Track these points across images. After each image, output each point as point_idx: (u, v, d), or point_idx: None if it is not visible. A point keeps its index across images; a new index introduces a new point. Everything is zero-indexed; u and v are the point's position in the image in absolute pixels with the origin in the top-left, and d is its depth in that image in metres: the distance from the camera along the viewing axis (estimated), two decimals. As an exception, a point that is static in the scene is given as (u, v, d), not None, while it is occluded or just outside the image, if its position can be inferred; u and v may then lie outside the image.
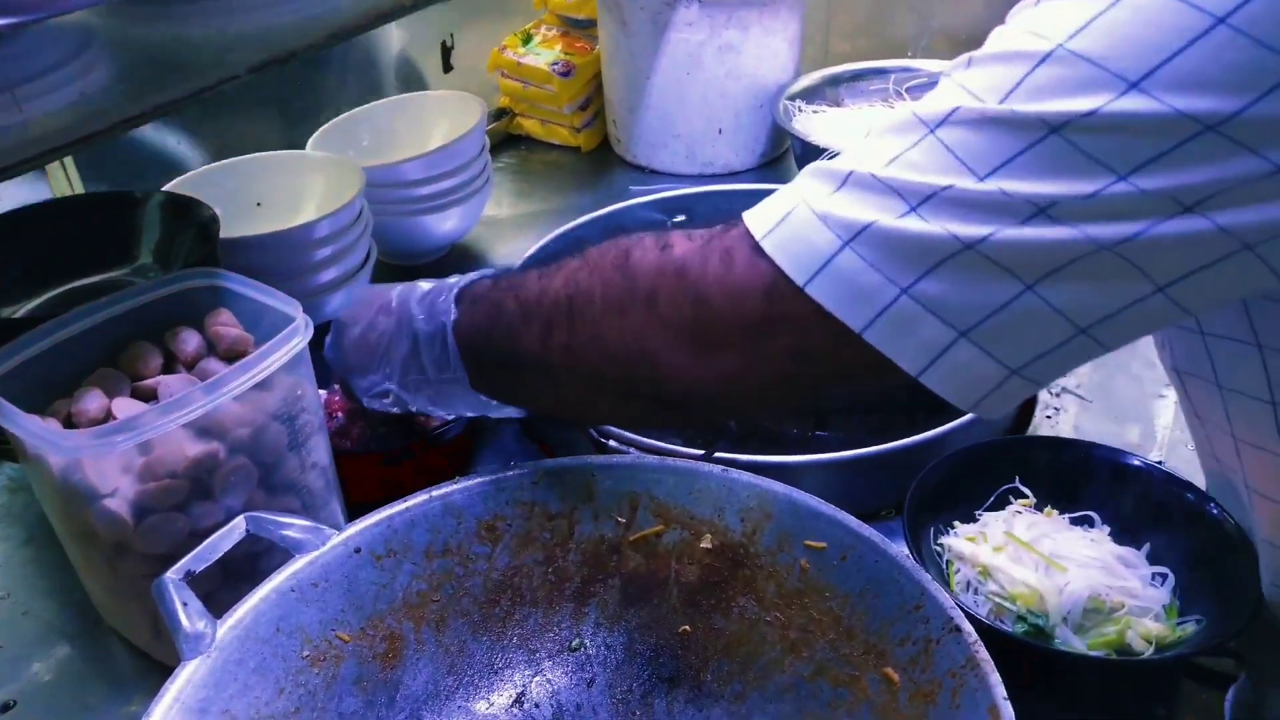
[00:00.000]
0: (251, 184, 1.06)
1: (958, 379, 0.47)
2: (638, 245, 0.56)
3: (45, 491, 0.69)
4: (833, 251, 0.47)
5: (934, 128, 0.45)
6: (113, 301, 0.72)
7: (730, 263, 0.51)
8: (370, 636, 0.64)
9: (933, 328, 0.46)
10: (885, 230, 0.45)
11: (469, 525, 0.67)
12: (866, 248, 0.46)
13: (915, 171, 0.45)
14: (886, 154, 0.46)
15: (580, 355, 0.58)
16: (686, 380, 0.54)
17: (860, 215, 0.46)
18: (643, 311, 0.54)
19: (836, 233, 0.47)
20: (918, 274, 0.45)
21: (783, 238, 0.49)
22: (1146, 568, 0.72)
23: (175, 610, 0.56)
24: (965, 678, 0.55)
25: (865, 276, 0.46)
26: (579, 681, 0.68)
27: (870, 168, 0.46)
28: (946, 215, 0.44)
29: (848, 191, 0.47)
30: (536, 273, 0.61)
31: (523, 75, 1.45)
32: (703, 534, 0.68)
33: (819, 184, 0.49)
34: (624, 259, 0.56)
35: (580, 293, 0.57)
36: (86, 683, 0.73)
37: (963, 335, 0.45)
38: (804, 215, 0.48)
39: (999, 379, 0.47)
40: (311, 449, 0.73)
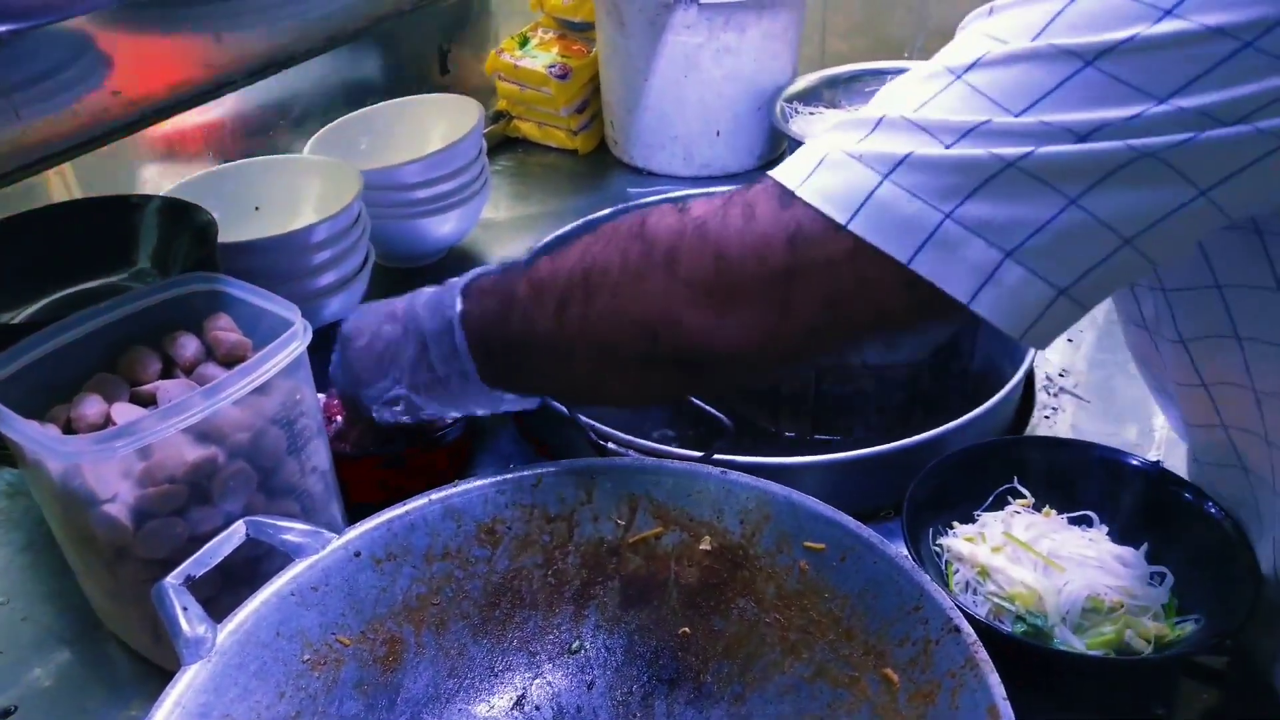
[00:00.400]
0: (249, 188, 1.06)
1: (1007, 302, 0.46)
2: (654, 211, 0.56)
3: (44, 497, 0.69)
4: (872, 185, 0.47)
5: (961, 73, 0.45)
6: (111, 307, 0.72)
7: (751, 215, 0.51)
8: (370, 640, 0.64)
9: (979, 250, 0.45)
10: (924, 158, 0.45)
11: (468, 528, 0.67)
12: (906, 177, 0.46)
13: (948, 113, 0.45)
14: (916, 99, 0.47)
15: (597, 326, 0.58)
16: (711, 340, 0.54)
17: (895, 149, 0.46)
18: (663, 274, 0.54)
19: (874, 167, 0.47)
20: (961, 197, 0.45)
21: (818, 183, 0.49)
22: (1145, 567, 0.72)
23: (175, 615, 0.56)
24: (964, 678, 0.55)
25: (907, 206, 0.46)
26: (579, 684, 0.68)
27: (900, 111, 0.47)
28: (985, 143, 0.44)
29: (880, 133, 0.47)
30: (548, 257, 0.61)
31: (520, 78, 1.45)
32: (702, 536, 0.68)
33: (848, 133, 0.49)
34: (640, 225, 0.56)
35: (596, 265, 0.57)
36: (86, 688, 0.73)
37: (1009, 255, 0.45)
38: (837, 158, 0.48)
39: (1048, 300, 0.46)
40: (311, 453, 0.73)
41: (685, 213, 0.54)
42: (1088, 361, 1.02)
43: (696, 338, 0.54)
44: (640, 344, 0.56)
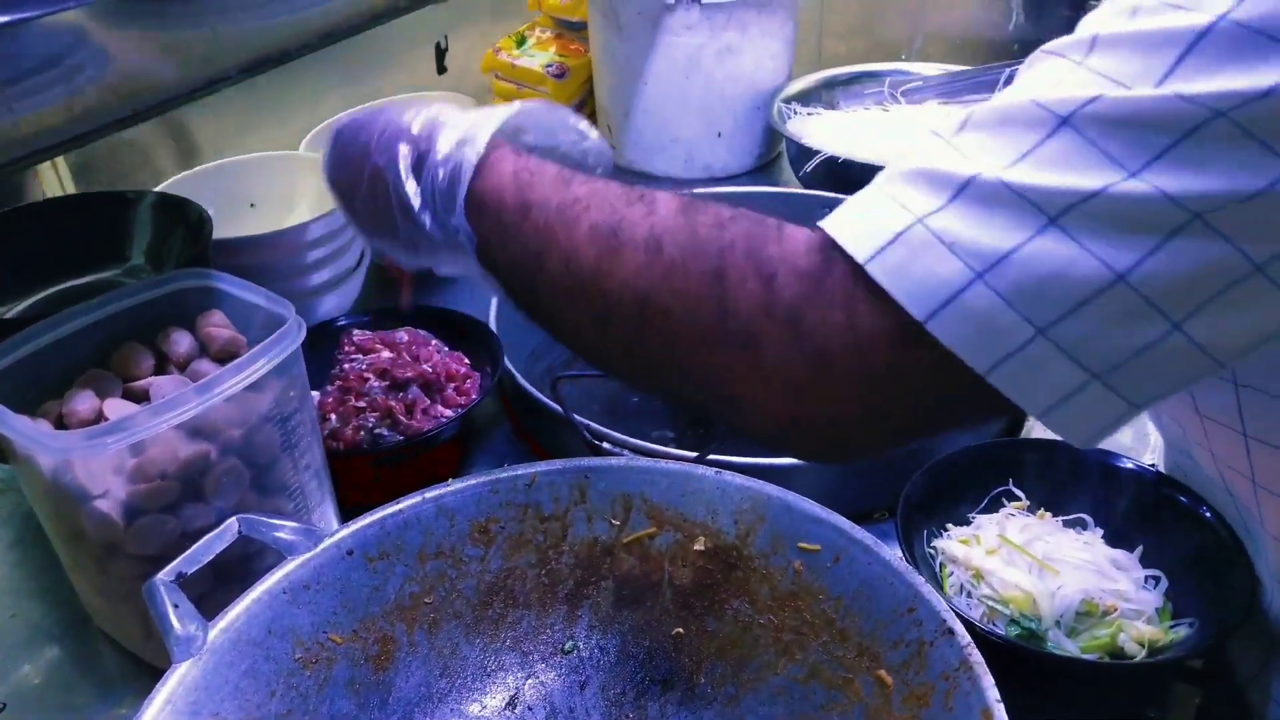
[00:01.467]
0: (244, 185, 1.06)
1: (1080, 419, 0.42)
2: (732, 264, 0.46)
3: (35, 493, 0.68)
4: (961, 284, 0.40)
5: (1067, 117, 0.39)
6: (104, 302, 0.72)
7: (853, 311, 0.43)
8: (363, 639, 0.64)
9: (1065, 371, 0.40)
10: (1025, 260, 0.39)
11: (462, 527, 0.67)
12: (1002, 280, 0.40)
13: (1050, 172, 0.39)
14: (1011, 150, 0.40)
15: (644, 361, 0.50)
16: (780, 428, 0.47)
17: (994, 241, 0.40)
18: (738, 353, 0.46)
19: (967, 262, 0.40)
20: (1059, 313, 0.39)
21: (897, 263, 0.42)
22: (1139, 570, 0.72)
23: (166, 612, 0.56)
24: (958, 680, 0.55)
25: (999, 315, 0.40)
26: (572, 684, 0.68)
27: (994, 171, 0.40)
28: (1092, 232, 0.38)
29: (967, 203, 0.40)
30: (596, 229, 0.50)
31: (516, 77, 1.45)
32: (696, 536, 0.67)
33: (926, 193, 0.42)
34: (719, 281, 0.46)
35: (656, 300, 0.48)
36: (76, 685, 0.73)
37: (1096, 377, 0.41)
38: (922, 237, 0.41)
39: (1119, 415, 0.42)
40: (304, 450, 0.73)
41: (772, 287, 0.45)
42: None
43: (765, 423, 0.47)
44: (691, 399, 0.50)
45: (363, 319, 0.97)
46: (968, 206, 0.40)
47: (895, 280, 0.42)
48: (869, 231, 0.43)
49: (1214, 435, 0.62)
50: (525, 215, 0.52)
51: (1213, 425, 0.61)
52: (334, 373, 0.90)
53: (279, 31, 0.85)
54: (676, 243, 0.47)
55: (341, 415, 0.87)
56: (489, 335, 0.94)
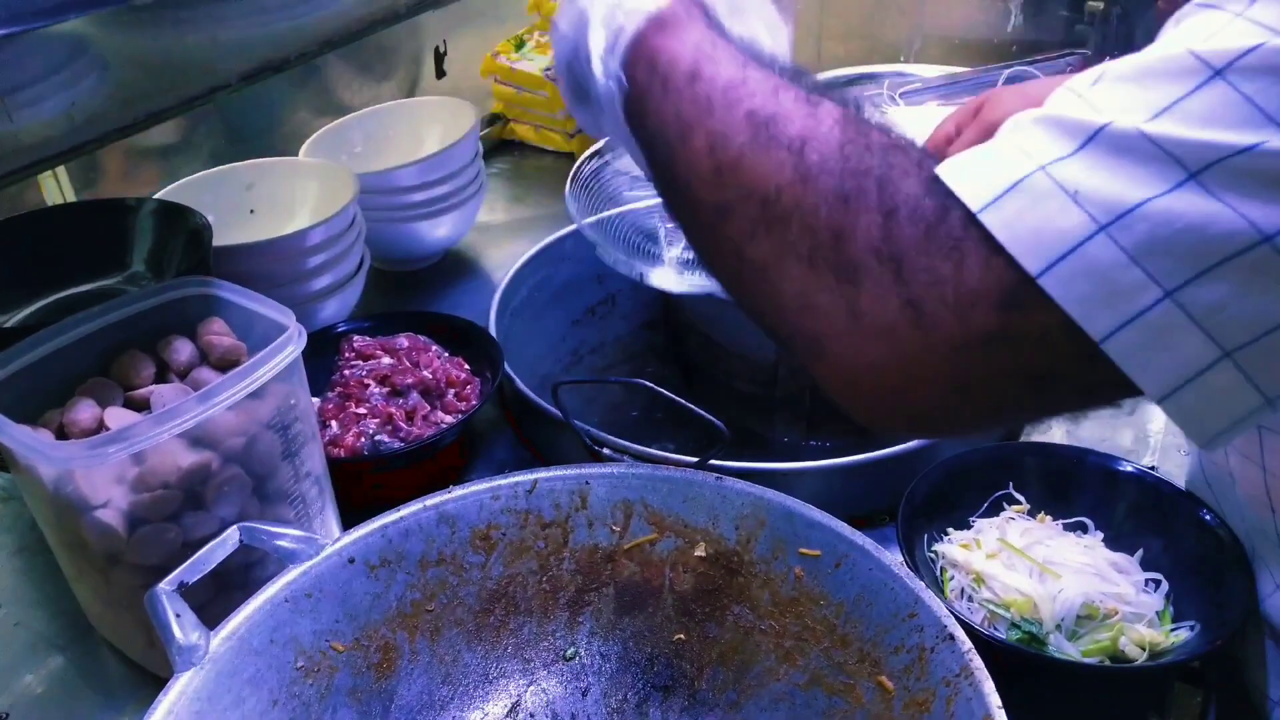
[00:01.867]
0: (244, 191, 1.06)
1: (1205, 408, 0.38)
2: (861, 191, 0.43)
3: (37, 502, 0.68)
4: (1082, 236, 0.37)
5: (1221, 69, 0.35)
6: (105, 310, 0.72)
7: (961, 263, 0.40)
8: (365, 647, 0.64)
9: (1194, 343, 0.36)
10: (1160, 212, 0.35)
11: (463, 534, 0.67)
12: (1129, 234, 0.36)
13: (1197, 125, 0.35)
14: (1154, 101, 0.36)
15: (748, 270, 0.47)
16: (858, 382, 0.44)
17: (1124, 191, 0.36)
18: (836, 285, 0.43)
19: (1090, 211, 0.37)
20: (1192, 272, 0.35)
21: (1013, 212, 0.38)
22: (1140, 574, 0.72)
23: (168, 622, 0.56)
24: (960, 687, 0.55)
25: (1121, 273, 0.36)
26: (574, 691, 0.68)
27: (1132, 120, 0.36)
28: (1238, 190, 0.35)
29: (1098, 153, 0.37)
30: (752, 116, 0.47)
31: (516, 81, 1.45)
32: (697, 542, 0.68)
33: (1052, 139, 0.39)
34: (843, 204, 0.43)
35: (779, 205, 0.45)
36: (79, 694, 0.73)
37: (1228, 355, 0.36)
38: (1042, 185, 0.38)
39: (1250, 410, 0.38)
40: (305, 458, 0.73)
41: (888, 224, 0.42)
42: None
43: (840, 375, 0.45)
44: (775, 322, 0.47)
45: (363, 325, 0.97)
46: (1098, 155, 0.37)
47: (1009, 230, 0.38)
48: (986, 177, 0.40)
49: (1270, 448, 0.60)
50: (691, 83, 0.50)
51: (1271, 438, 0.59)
52: (334, 379, 0.90)
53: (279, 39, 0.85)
54: (820, 151, 0.44)
55: (342, 422, 0.87)
56: (489, 341, 0.94)
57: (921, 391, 0.43)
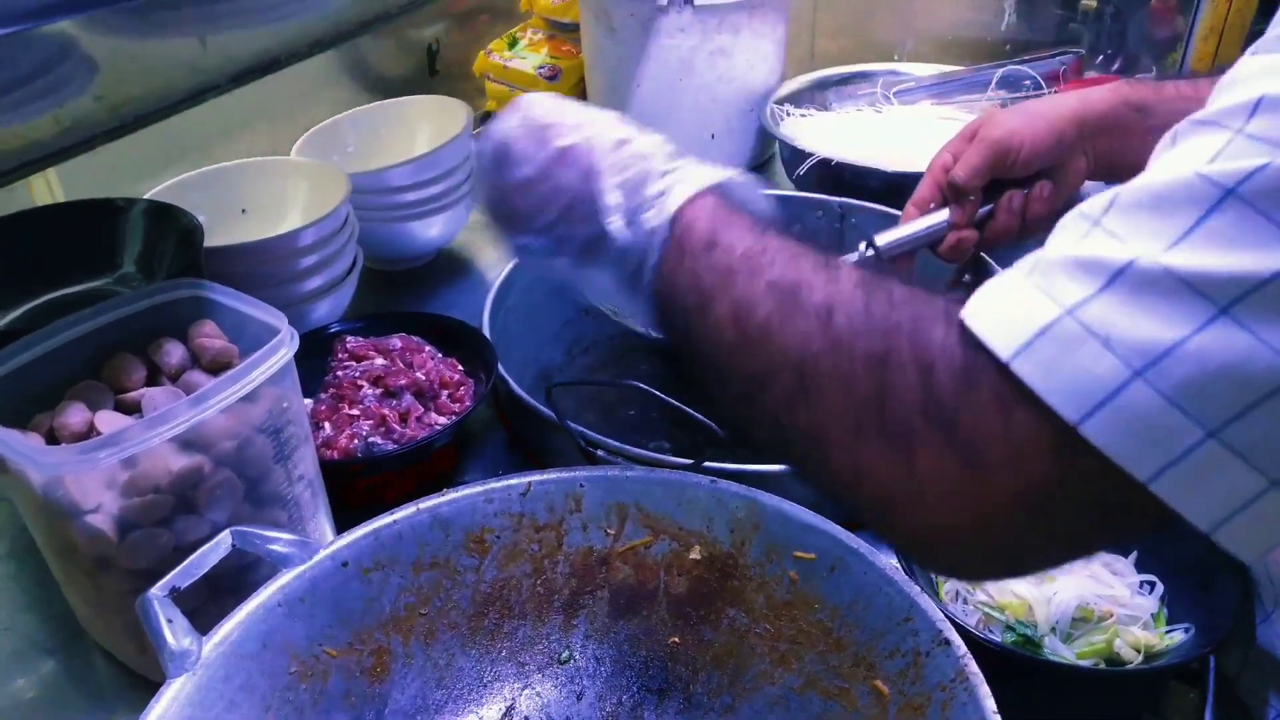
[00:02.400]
0: (236, 191, 1.05)
1: (1260, 533, 0.37)
2: (896, 349, 0.43)
3: (27, 507, 0.68)
4: (1118, 383, 0.36)
5: (1232, 188, 0.34)
6: (95, 313, 0.71)
7: (1008, 414, 0.39)
8: (358, 651, 0.64)
9: (1240, 476, 0.36)
10: (1192, 355, 0.35)
11: (457, 537, 0.67)
12: (1164, 378, 0.35)
13: (1219, 251, 0.34)
14: (1169, 230, 0.36)
15: (793, 440, 0.47)
16: (932, 537, 0.44)
17: (1154, 333, 0.35)
18: (890, 451, 0.43)
19: (1123, 357, 0.36)
20: (1232, 413, 0.35)
21: (1046, 360, 0.38)
22: (1134, 576, 0.72)
23: (160, 628, 0.55)
24: (955, 691, 0.55)
25: (1161, 417, 0.36)
26: (568, 694, 0.68)
27: (1152, 254, 0.36)
28: (1269, 321, 0.34)
29: (1124, 294, 0.36)
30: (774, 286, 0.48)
31: (509, 79, 1.45)
32: (692, 545, 0.67)
33: (1074, 281, 0.38)
34: (880, 366, 0.43)
35: (816, 374, 0.45)
36: (70, 699, 0.72)
37: (1276, 485, 0.36)
38: (1071, 331, 0.37)
39: None
40: (298, 461, 0.72)
41: (931, 385, 0.41)
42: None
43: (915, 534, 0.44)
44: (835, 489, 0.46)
45: (356, 325, 0.96)
46: (1123, 295, 0.36)
47: (1044, 379, 0.38)
48: (1011, 324, 0.39)
49: None
50: (709, 251, 0.51)
51: None
52: (327, 380, 0.90)
53: (268, 41, 0.85)
54: (848, 315, 0.45)
55: (335, 424, 0.87)
56: (483, 342, 0.94)
57: (995, 542, 0.43)
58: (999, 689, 0.53)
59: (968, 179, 0.78)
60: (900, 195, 1.13)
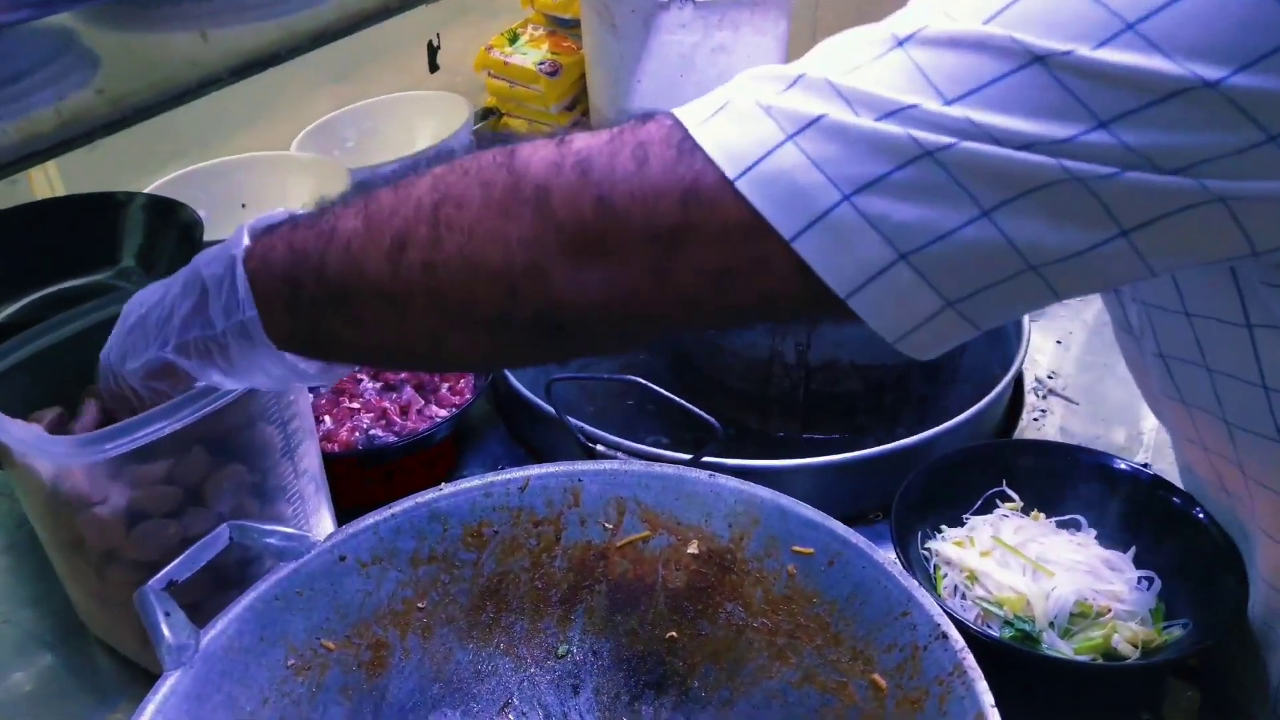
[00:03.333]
0: (236, 185, 1.06)
1: (890, 305, 0.42)
2: (528, 142, 0.47)
3: (32, 499, 0.68)
4: (774, 143, 0.41)
5: (902, 41, 0.40)
6: (97, 307, 0.71)
7: (644, 160, 0.44)
8: (356, 645, 0.64)
9: (873, 244, 0.41)
10: (837, 124, 0.40)
11: (455, 532, 0.67)
12: (813, 143, 0.41)
13: (876, 85, 0.40)
14: (846, 62, 0.42)
15: (445, 274, 0.48)
16: (577, 296, 0.46)
17: (810, 109, 0.41)
18: (532, 214, 0.45)
19: (780, 123, 0.41)
20: (865, 180, 0.40)
21: (718, 130, 0.43)
22: (1133, 571, 0.72)
23: (158, 621, 0.55)
24: (953, 685, 0.55)
25: (806, 175, 0.41)
26: (566, 688, 0.68)
27: (826, 73, 0.41)
28: (908, 125, 0.39)
29: (797, 90, 0.42)
30: (389, 187, 0.50)
31: (509, 75, 1.45)
32: (690, 540, 0.67)
33: (762, 84, 0.43)
34: (509, 156, 0.47)
35: (450, 197, 0.47)
36: (70, 692, 0.72)
37: (904, 257, 0.41)
38: (744, 105, 0.43)
39: (933, 310, 0.42)
40: (303, 455, 0.72)
41: (565, 146, 0.46)
42: (1076, 364, 1.02)
43: (564, 292, 0.46)
44: (496, 298, 0.48)
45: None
46: (795, 91, 0.42)
47: (711, 137, 0.43)
48: (701, 106, 0.45)
49: (1203, 427, 0.61)
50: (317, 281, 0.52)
51: (1200, 415, 0.61)
52: (327, 375, 0.90)
53: (269, 35, 0.85)
54: (473, 153, 0.48)
55: (336, 417, 0.87)
56: (482, 336, 0.94)
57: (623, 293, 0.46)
58: (997, 684, 0.53)
59: None
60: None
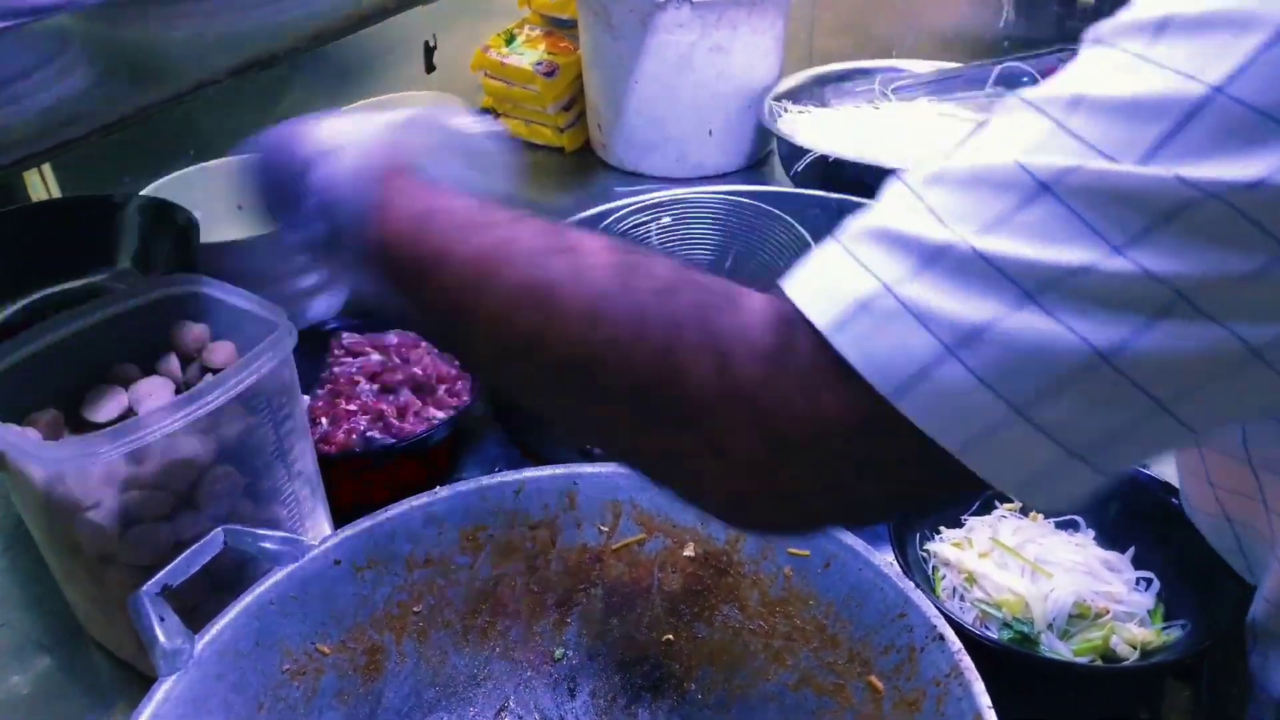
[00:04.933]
0: (232, 186, 1.05)
1: (1059, 494, 0.39)
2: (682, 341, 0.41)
3: (27, 503, 0.68)
4: (932, 359, 0.37)
5: (1050, 184, 0.36)
6: (92, 310, 0.71)
7: (815, 395, 0.39)
8: (351, 649, 0.64)
9: (1045, 450, 0.37)
10: (1001, 335, 0.36)
11: (450, 535, 0.66)
12: (975, 357, 0.37)
13: (1030, 241, 0.36)
14: (986, 215, 0.37)
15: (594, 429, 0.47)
16: (736, 506, 0.45)
17: (967, 312, 0.37)
18: (691, 434, 0.42)
19: (938, 334, 0.37)
20: (1037, 394, 0.37)
21: (863, 335, 0.38)
22: (1131, 572, 0.72)
23: (152, 626, 0.55)
24: (950, 687, 0.55)
25: (972, 395, 0.37)
26: (562, 692, 0.68)
27: (968, 238, 0.37)
28: (1073, 309, 0.35)
29: (941, 274, 0.37)
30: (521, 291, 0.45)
31: (506, 75, 1.44)
32: (685, 542, 0.67)
33: (894, 258, 0.38)
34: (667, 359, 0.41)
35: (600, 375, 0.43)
36: (67, 695, 0.72)
37: (1077, 456, 0.38)
38: (889, 307, 0.38)
39: (1095, 486, 0.39)
40: (297, 457, 0.72)
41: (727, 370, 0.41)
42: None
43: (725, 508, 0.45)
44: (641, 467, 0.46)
45: (353, 322, 0.96)
46: (939, 276, 0.37)
47: (861, 353, 0.38)
48: (832, 296, 0.39)
49: (1213, 464, 0.60)
50: (437, 268, 0.48)
51: (1212, 455, 0.59)
52: (324, 376, 0.90)
53: (267, 35, 0.85)
54: (617, 315, 0.43)
55: (332, 419, 0.86)
56: (479, 338, 0.93)
57: (800, 507, 0.44)
58: (995, 686, 0.53)
59: None
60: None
